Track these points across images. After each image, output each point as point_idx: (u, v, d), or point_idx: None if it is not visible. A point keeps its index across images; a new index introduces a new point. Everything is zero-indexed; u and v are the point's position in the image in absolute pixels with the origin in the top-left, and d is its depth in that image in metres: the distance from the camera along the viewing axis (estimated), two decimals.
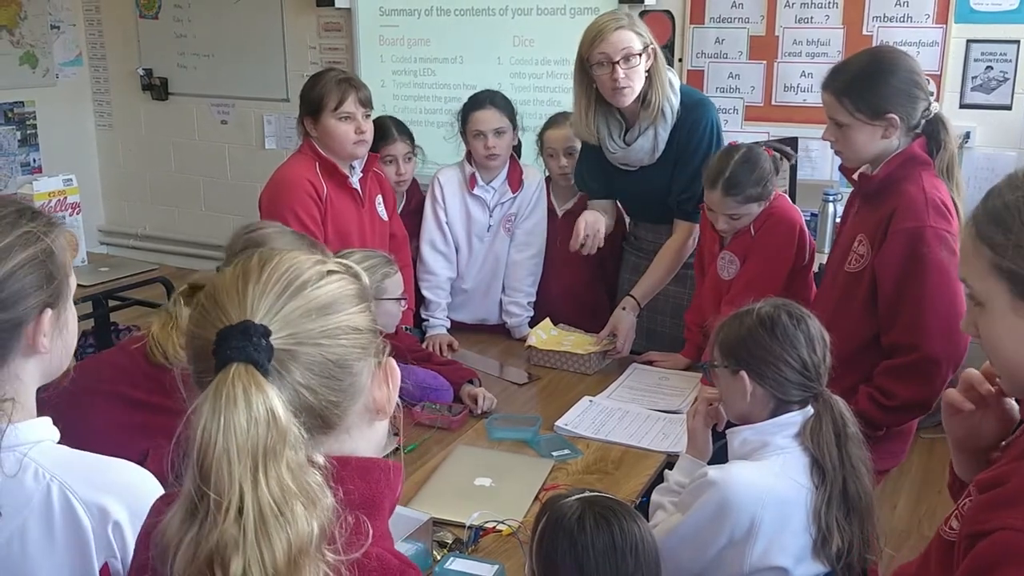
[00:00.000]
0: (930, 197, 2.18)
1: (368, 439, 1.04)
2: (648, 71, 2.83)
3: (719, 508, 1.84)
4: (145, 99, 6.12)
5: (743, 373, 1.91)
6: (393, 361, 1.06)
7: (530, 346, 3.00)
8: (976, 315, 1.24)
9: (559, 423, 2.55)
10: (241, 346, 0.90)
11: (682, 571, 1.88)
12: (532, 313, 3.30)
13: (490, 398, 2.66)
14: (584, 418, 2.59)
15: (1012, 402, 1.35)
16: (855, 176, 2.37)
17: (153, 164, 6.22)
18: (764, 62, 4.56)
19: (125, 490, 1.31)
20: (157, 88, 6.04)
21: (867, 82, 2.21)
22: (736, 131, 4.39)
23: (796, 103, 4.47)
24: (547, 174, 3.42)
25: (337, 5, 5.22)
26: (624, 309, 2.97)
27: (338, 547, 0.92)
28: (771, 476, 1.85)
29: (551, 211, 3.37)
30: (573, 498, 1.60)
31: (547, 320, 3.09)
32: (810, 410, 1.91)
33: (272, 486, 0.87)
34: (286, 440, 0.89)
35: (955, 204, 2.23)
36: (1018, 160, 4.21)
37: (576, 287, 3.36)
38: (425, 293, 3.22)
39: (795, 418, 1.90)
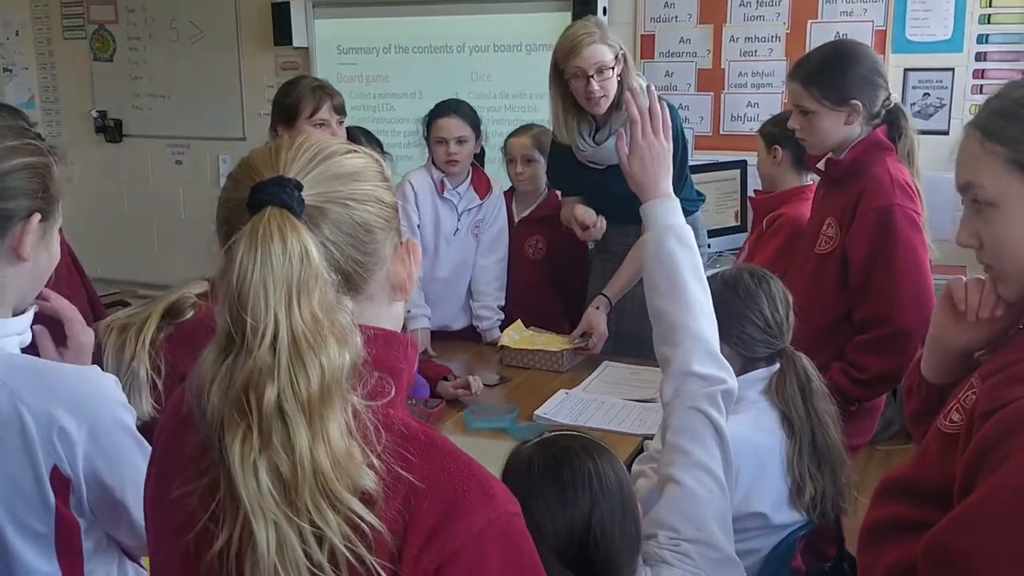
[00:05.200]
0: (895, 178, 2.30)
1: (388, 315, 1.06)
2: (619, 76, 2.94)
3: None
4: (98, 141, 6.10)
5: None
6: (416, 241, 1.09)
7: (503, 346, 3.05)
8: (978, 224, 1.26)
9: (538, 412, 2.60)
10: (275, 192, 0.94)
11: None
12: (503, 316, 3.35)
13: (477, 380, 2.71)
14: (562, 408, 2.64)
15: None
16: (819, 165, 2.50)
17: (106, 206, 6.17)
18: (712, 94, 4.75)
19: (75, 398, 1.34)
20: (111, 130, 6.04)
21: (832, 69, 2.34)
22: None
23: (743, 132, 4.64)
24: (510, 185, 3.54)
25: (295, 44, 5.31)
26: (598, 308, 3.04)
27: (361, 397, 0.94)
28: (746, 426, 1.92)
29: (510, 218, 3.47)
30: (531, 443, 1.53)
31: (519, 322, 3.14)
32: (776, 366, 1.99)
33: (305, 315, 0.90)
34: (318, 278, 0.92)
35: (916, 187, 2.36)
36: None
37: (533, 291, 3.45)
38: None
39: (762, 374, 1.99)
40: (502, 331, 3.20)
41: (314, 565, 0.89)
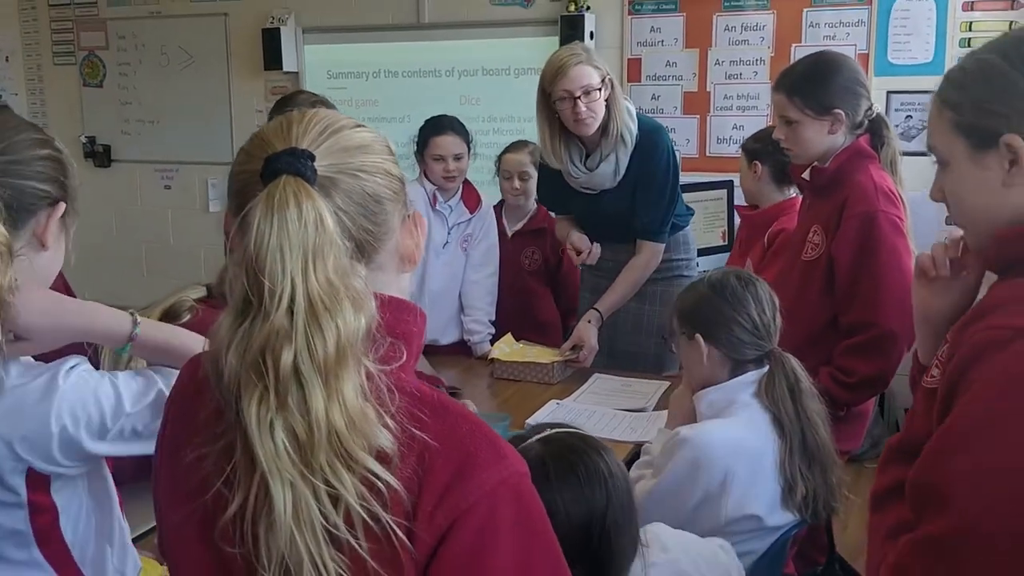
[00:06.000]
0: (879, 185, 2.35)
1: (397, 285, 1.08)
2: (607, 100, 2.97)
3: (693, 464, 1.91)
4: (87, 167, 6.11)
5: (698, 337, 2.02)
6: (420, 214, 1.11)
7: (493, 358, 3.07)
8: (941, 179, 1.37)
9: (529, 421, 2.61)
10: (289, 161, 0.96)
11: None
12: (493, 331, 3.37)
13: (471, 404, 2.73)
14: (554, 417, 2.65)
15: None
16: (804, 175, 2.54)
17: (94, 232, 6.16)
18: (698, 116, 4.82)
19: (31, 428, 1.32)
20: (100, 155, 6.06)
21: (815, 80, 2.39)
22: None
23: (729, 154, 4.69)
24: (499, 200, 3.60)
25: (285, 69, 5.36)
26: (589, 322, 3.06)
27: (375, 360, 0.96)
28: (740, 430, 1.95)
29: (502, 232, 3.52)
30: (533, 439, 1.54)
31: (509, 335, 3.16)
32: (765, 368, 2.01)
33: (321, 279, 0.92)
34: (332, 244, 0.93)
35: (899, 194, 2.40)
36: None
37: (531, 300, 3.49)
38: None
39: (752, 376, 2.01)
40: (492, 344, 3.22)
41: (330, 525, 0.90)
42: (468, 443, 0.96)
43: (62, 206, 1.39)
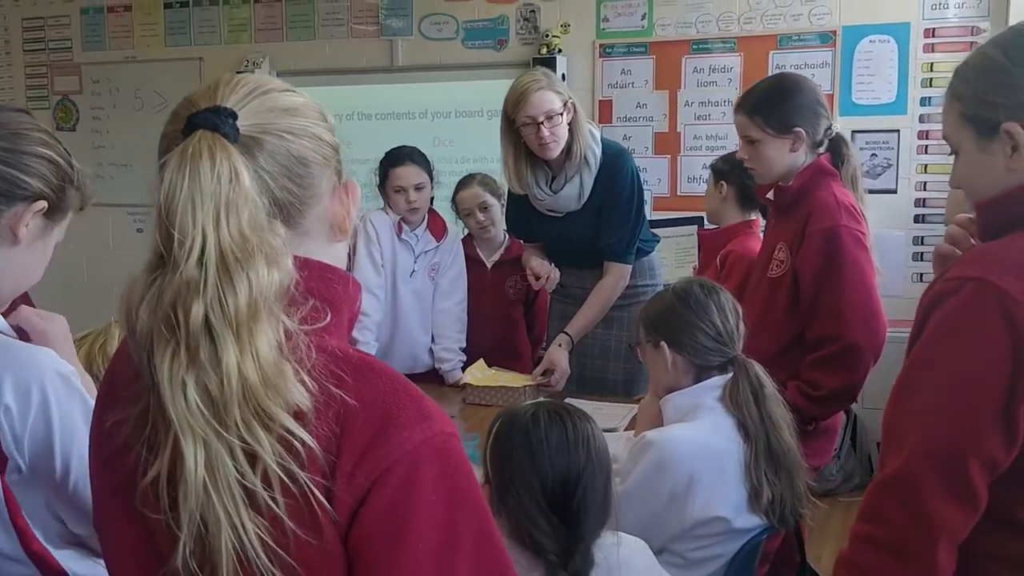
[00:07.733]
0: (841, 201, 2.39)
1: (327, 253, 1.06)
2: (570, 124, 3.02)
3: (659, 466, 1.92)
4: None
5: (663, 344, 2.04)
6: (355, 182, 1.09)
7: (466, 384, 3.06)
8: (956, 167, 1.47)
9: None
10: (208, 117, 0.95)
11: (629, 532, 1.93)
12: (464, 358, 3.37)
13: None
14: None
15: None
16: (768, 196, 2.58)
17: (65, 275, 6.10)
18: (668, 156, 4.89)
19: (18, 372, 1.36)
20: None
21: (775, 99, 2.45)
22: None
23: (699, 193, 4.73)
24: (466, 232, 3.63)
25: None
26: (560, 346, 3.07)
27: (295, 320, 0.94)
28: (705, 432, 1.96)
29: (480, 264, 3.52)
30: (526, 404, 1.69)
31: (481, 361, 3.16)
32: (730, 374, 2.03)
33: (234, 232, 0.90)
34: (247, 200, 0.92)
35: (861, 210, 2.45)
36: (905, 239, 4.55)
37: (508, 336, 3.49)
38: (355, 333, 3.25)
39: (717, 381, 2.03)
40: (464, 371, 3.22)
41: (247, 483, 0.88)
42: (390, 402, 0.93)
43: (41, 203, 1.40)
